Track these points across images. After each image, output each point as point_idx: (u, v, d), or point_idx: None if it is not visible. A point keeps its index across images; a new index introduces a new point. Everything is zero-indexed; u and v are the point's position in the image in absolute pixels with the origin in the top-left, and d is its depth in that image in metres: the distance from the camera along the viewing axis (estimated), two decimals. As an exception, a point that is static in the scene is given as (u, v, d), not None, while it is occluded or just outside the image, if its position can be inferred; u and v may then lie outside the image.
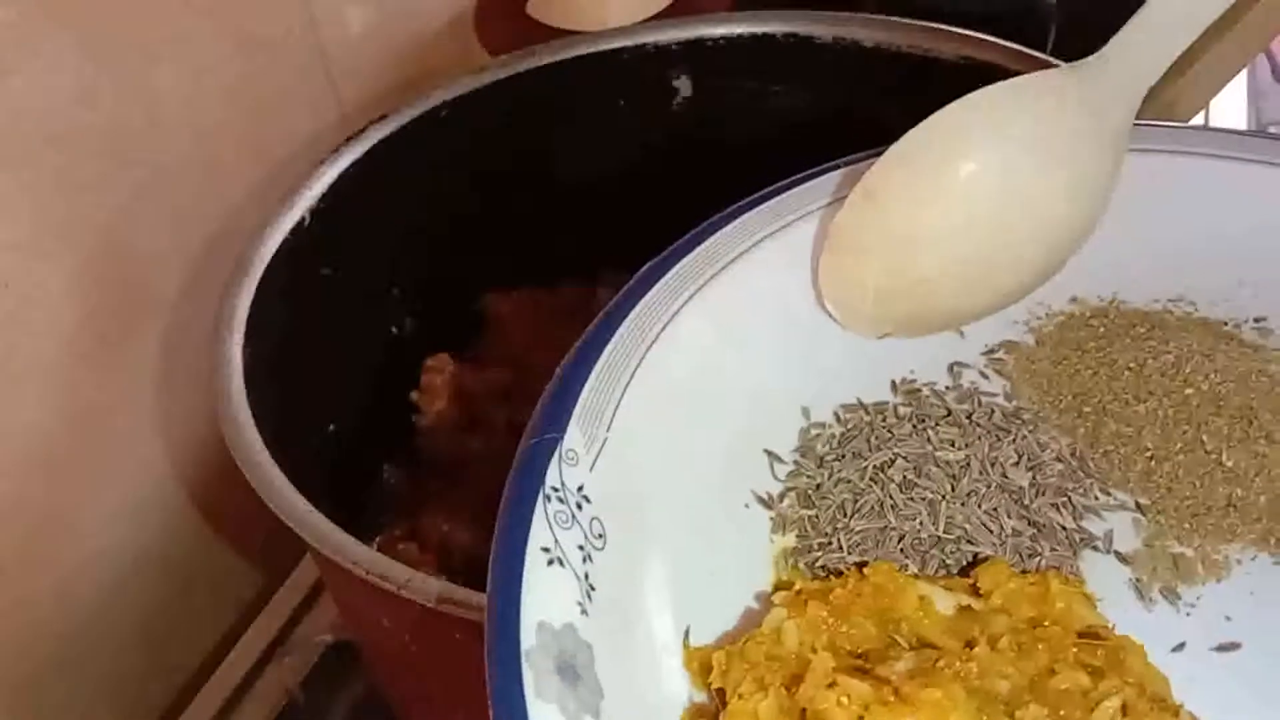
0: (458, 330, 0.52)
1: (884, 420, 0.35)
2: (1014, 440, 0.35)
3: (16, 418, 0.46)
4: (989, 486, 0.33)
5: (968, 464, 0.34)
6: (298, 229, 0.44)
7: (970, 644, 0.29)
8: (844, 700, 0.27)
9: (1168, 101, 0.48)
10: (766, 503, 0.33)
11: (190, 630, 0.56)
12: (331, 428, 0.48)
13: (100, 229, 0.48)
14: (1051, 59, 0.46)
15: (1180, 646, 0.31)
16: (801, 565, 0.32)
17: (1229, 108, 0.78)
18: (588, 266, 0.52)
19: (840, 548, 0.32)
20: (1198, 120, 0.56)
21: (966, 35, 0.47)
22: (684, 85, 0.52)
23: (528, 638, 0.25)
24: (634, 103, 0.52)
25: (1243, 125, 0.79)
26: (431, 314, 0.52)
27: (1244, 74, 0.77)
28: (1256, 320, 0.38)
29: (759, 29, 0.50)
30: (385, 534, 0.47)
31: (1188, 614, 0.32)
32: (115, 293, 0.49)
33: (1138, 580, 0.32)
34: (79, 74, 0.45)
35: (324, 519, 0.35)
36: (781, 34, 0.50)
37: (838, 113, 0.50)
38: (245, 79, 0.53)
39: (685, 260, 0.35)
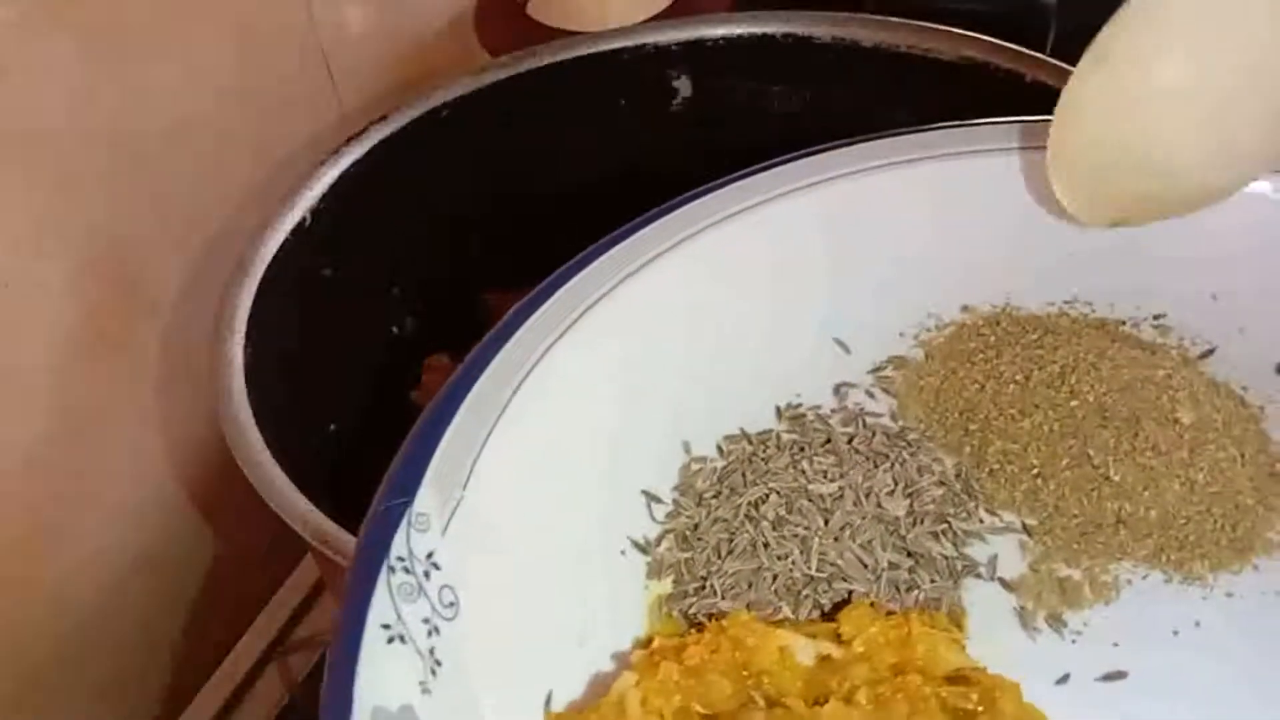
0: (458, 330, 0.52)
1: (764, 451, 0.34)
2: (891, 467, 0.33)
3: (16, 418, 0.46)
4: (863, 518, 0.32)
5: (841, 496, 0.33)
6: (298, 229, 0.44)
7: (823, 700, 0.28)
8: None
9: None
10: (643, 547, 0.32)
11: (190, 630, 0.56)
12: (332, 427, 0.48)
13: (100, 229, 0.48)
14: (1051, 59, 0.46)
15: (1065, 678, 0.30)
16: (676, 612, 0.31)
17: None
18: (588, 266, 0.52)
19: (715, 592, 0.31)
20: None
21: (966, 35, 0.47)
22: (684, 85, 0.52)
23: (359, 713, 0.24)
24: (634, 103, 0.52)
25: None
26: (431, 314, 0.52)
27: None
28: (1156, 318, 0.37)
29: (759, 29, 0.50)
30: (385, 534, 0.47)
31: (1073, 642, 0.31)
32: (115, 293, 0.49)
33: (1022, 608, 0.31)
34: (79, 74, 0.45)
35: (324, 519, 0.35)
36: (781, 34, 0.50)
37: (838, 113, 0.50)
38: (245, 79, 0.53)
39: (553, 299, 0.33)
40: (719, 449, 0.34)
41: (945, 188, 0.38)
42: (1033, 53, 0.46)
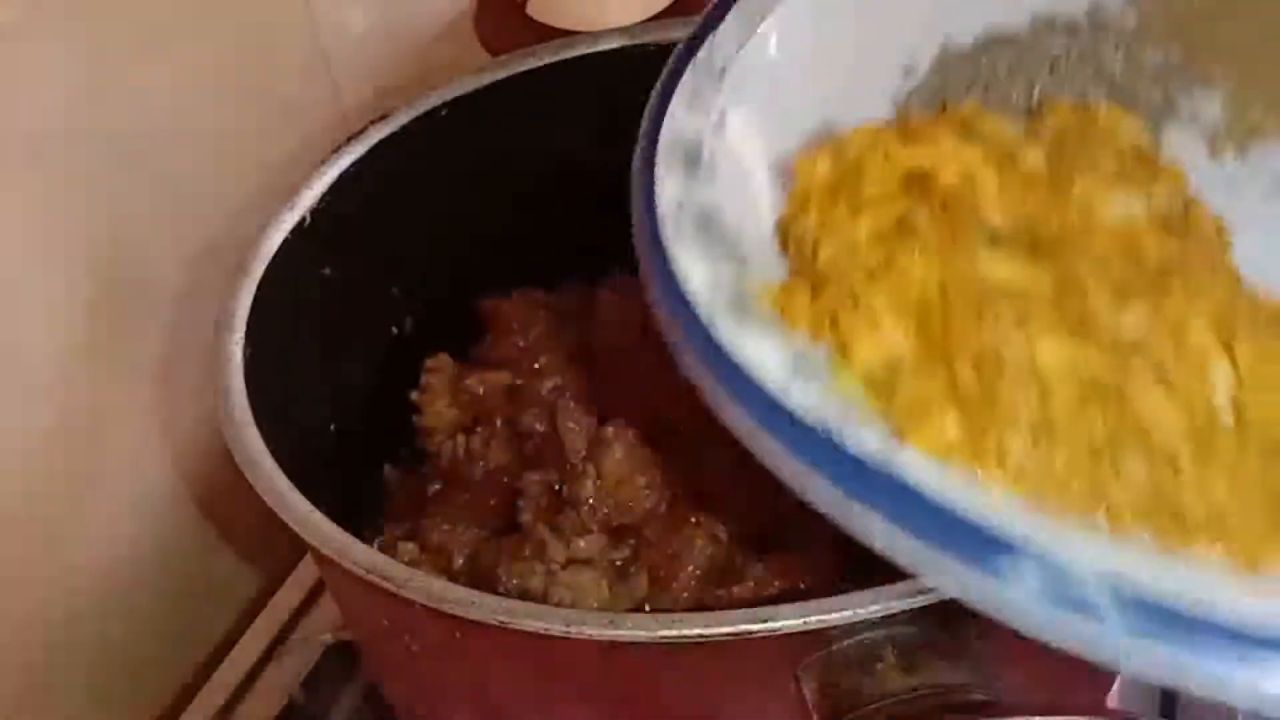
0: (458, 330, 0.52)
1: (1011, 35, 0.39)
2: (1120, 39, 0.38)
3: (17, 418, 0.46)
4: (1084, 69, 0.38)
5: (1067, 53, 0.38)
6: (298, 229, 0.44)
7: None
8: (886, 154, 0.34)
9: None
10: (894, 107, 0.37)
11: (190, 630, 0.56)
12: (332, 428, 0.48)
13: (100, 229, 0.48)
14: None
15: (1239, 191, 0.34)
16: None
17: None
18: (588, 267, 0.52)
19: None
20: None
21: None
22: (684, 85, 0.52)
23: (665, 137, 0.33)
24: (634, 103, 0.52)
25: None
26: (431, 314, 0.52)
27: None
28: None
29: (759, 29, 0.50)
30: (385, 534, 0.47)
31: (1254, 167, 0.35)
32: (115, 293, 0.49)
33: (1213, 141, 0.36)
34: (79, 74, 0.45)
35: (324, 519, 0.35)
36: (781, 34, 0.50)
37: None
38: (245, 79, 0.53)
39: None
40: (971, 41, 0.38)
41: None
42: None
